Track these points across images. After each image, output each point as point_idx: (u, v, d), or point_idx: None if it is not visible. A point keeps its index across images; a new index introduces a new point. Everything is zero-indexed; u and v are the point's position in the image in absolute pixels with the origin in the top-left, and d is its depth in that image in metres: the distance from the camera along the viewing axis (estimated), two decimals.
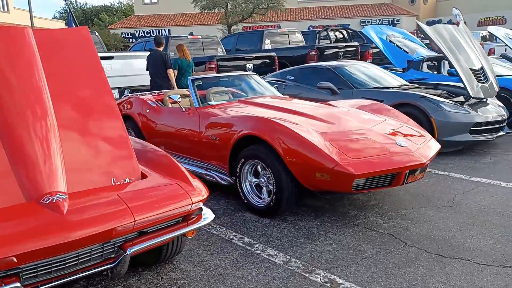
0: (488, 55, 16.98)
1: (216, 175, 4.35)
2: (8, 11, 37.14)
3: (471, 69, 6.00)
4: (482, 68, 6.23)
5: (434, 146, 4.04)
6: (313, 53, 10.74)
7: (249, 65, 9.45)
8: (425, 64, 8.95)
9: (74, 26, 7.09)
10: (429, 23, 39.91)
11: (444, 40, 5.99)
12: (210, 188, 4.47)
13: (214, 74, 6.00)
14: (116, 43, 38.50)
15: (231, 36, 13.35)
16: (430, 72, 8.84)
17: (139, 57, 8.02)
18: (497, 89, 6.38)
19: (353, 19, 38.71)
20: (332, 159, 3.37)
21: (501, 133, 6.04)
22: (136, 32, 40.73)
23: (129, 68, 7.77)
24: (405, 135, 3.98)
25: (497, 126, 5.96)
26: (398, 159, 3.52)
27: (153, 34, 39.73)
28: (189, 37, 10.83)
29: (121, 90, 7.74)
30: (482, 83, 6.03)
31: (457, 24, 24.43)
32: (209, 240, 3.44)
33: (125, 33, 41.17)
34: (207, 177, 4.43)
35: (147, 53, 7.92)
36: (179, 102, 4.86)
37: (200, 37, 11.04)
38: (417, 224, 3.61)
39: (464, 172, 5.05)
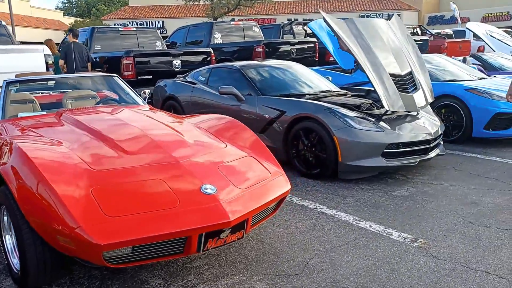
0: (478, 51, 15.70)
1: None
2: (3, 0, 36.31)
3: (394, 75, 4.79)
4: (410, 73, 5.01)
5: (273, 190, 2.86)
6: (259, 49, 9.53)
7: (177, 62, 8.28)
8: None
9: None
10: (431, 19, 38.43)
11: (360, 38, 4.77)
12: None
13: (47, 76, 4.84)
14: None
15: (182, 29, 12.14)
16: None
17: (28, 51, 6.88)
18: (430, 100, 5.16)
19: (352, 13, 37.45)
20: (73, 219, 2.21)
21: (430, 155, 4.82)
22: (129, 23, 39.56)
23: (16, 64, 6.62)
24: (231, 173, 2.80)
25: (423, 147, 4.74)
26: (185, 217, 2.35)
27: (147, 25, 38.70)
28: (120, 28, 9.66)
29: None
30: (407, 92, 4.81)
31: (457, 21, 22.74)
32: None
33: (118, 24, 40.06)
34: None
35: (38, 46, 6.80)
36: None
37: (134, 28, 9.88)
38: None
39: (358, 212, 3.86)
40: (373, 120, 4.68)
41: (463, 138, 6.17)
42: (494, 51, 11.08)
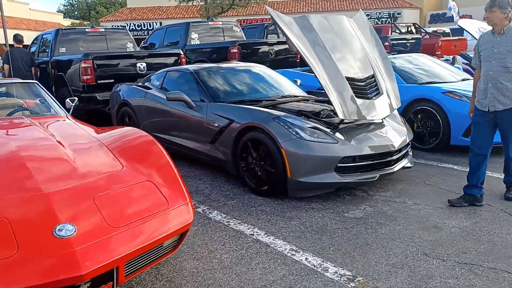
0: (474, 50, 15.01)
1: None
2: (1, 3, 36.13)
3: (353, 79, 4.24)
4: (373, 76, 4.46)
5: (165, 225, 2.32)
6: (234, 50, 9.00)
7: (141, 65, 7.75)
8: None
9: None
10: (433, 17, 37.69)
11: (312, 37, 4.22)
12: None
13: None
14: None
15: (160, 30, 11.62)
16: None
17: None
18: (395, 106, 4.60)
19: (352, 12, 36.77)
20: None
21: (394, 169, 4.25)
22: (127, 25, 39.22)
23: None
24: (111, 205, 2.27)
25: (385, 159, 4.19)
26: (20, 270, 1.83)
27: (145, 27, 38.32)
28: (87, 29, 9.15)
29: None
30: (367, 98, 4.26)
31: (461, 18, 22.15)
32: None
33: (115, 26, 39.66)
34: None
35: None
36: None
37: (103, 30, 9.37)
38: None
39: (299, 239, 3.32)
40: (330, 129, 4.13)
41: (440, 146, 5.60)
42: None
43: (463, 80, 6.32)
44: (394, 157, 4.24)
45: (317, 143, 3.94)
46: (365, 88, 4.30)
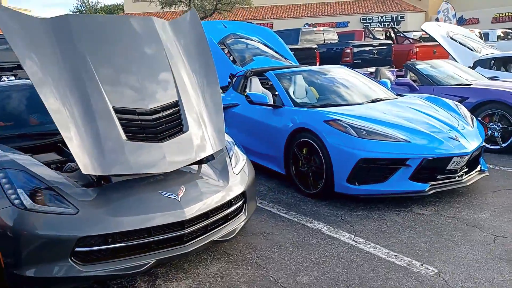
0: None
1: None
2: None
3: (128, 111, 2.80)
4: (176, 105, 3.01)
5: None
6: None
7: (8, 78, 6.40)
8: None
9: None
10: (438, 21, 35.92)
11: (62, 50, 2.80)
12: None
13: None
14: None
15: None
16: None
17: None
18: (214, 148, 3.12)
19: (354, 16, 35.66)
20: None
21: (186, 249, 2.77)
22: None
23: None
24: None
25: (170, 235, 2.72)
26: None
27: None
28: None
29: None
30: (149, 139, 2.82)
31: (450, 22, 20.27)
32: None
33: None
34: None
35: None
36: None
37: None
38: None
39: None
40: (87, 188, 2.72)
41: (326, 192, 4.11)
42: (454, 57, 8.95)
43: (373, 101, 4.80)
44: (188, 230, 2.77)
45: (44, 214, 2.51)
46: (152, 125, 2.86)
